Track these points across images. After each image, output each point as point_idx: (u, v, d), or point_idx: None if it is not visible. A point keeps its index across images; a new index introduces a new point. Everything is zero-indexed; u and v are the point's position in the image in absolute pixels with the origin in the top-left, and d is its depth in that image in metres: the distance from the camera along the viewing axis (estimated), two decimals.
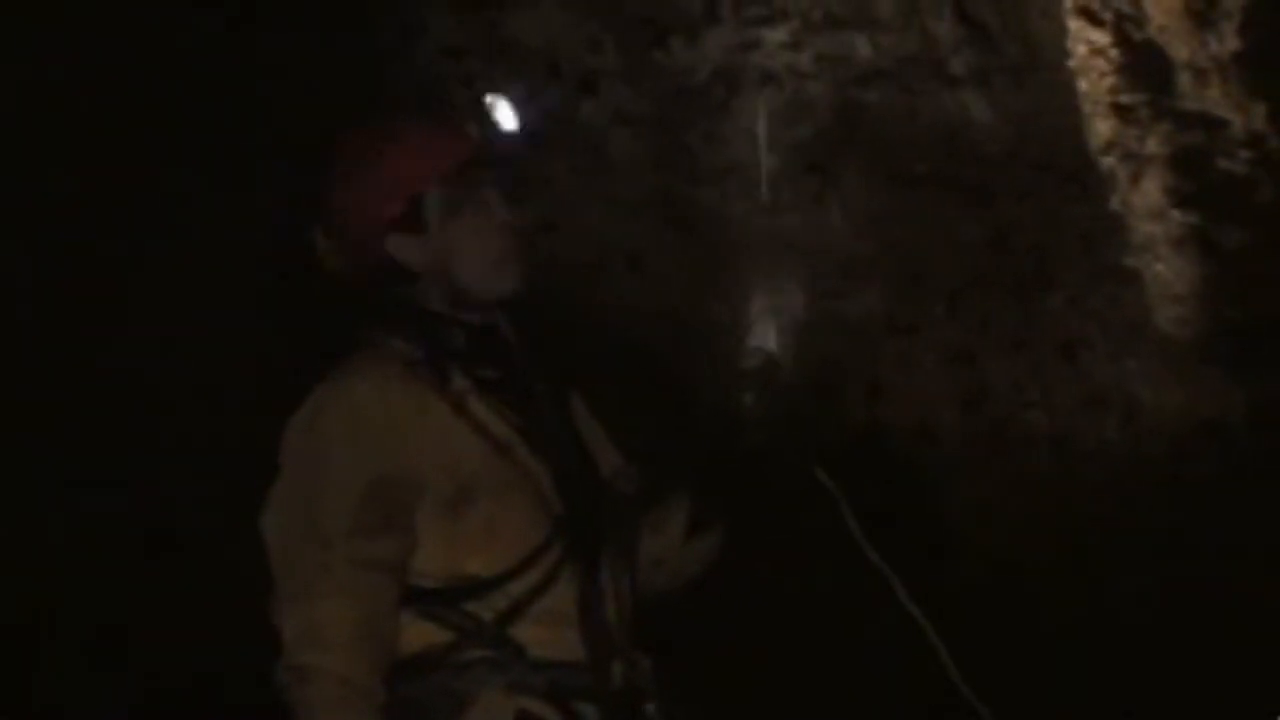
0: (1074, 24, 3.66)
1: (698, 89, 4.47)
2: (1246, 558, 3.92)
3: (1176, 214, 3.49)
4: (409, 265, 2.43)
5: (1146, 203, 3.51)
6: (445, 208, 2.42)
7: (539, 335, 2.55)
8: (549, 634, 2.32)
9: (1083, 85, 3.66)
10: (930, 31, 4.28)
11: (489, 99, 2.52)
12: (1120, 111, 3.56)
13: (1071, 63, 3.69)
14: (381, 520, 2.29)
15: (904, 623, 2.77)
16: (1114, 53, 3.61)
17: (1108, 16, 3.61)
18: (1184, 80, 3.49)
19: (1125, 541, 4.22)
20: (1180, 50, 3.47)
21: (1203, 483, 4.07)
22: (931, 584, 2.79)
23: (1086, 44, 3.65)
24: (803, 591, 4.14)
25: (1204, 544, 4.03)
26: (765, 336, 2.60)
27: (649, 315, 4.60)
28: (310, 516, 2.30)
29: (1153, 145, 3.51)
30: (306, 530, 2.29)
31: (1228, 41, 3.39)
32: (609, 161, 4.54)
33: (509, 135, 2.53)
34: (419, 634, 2.32)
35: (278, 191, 4.60)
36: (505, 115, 2.52)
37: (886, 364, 4.44)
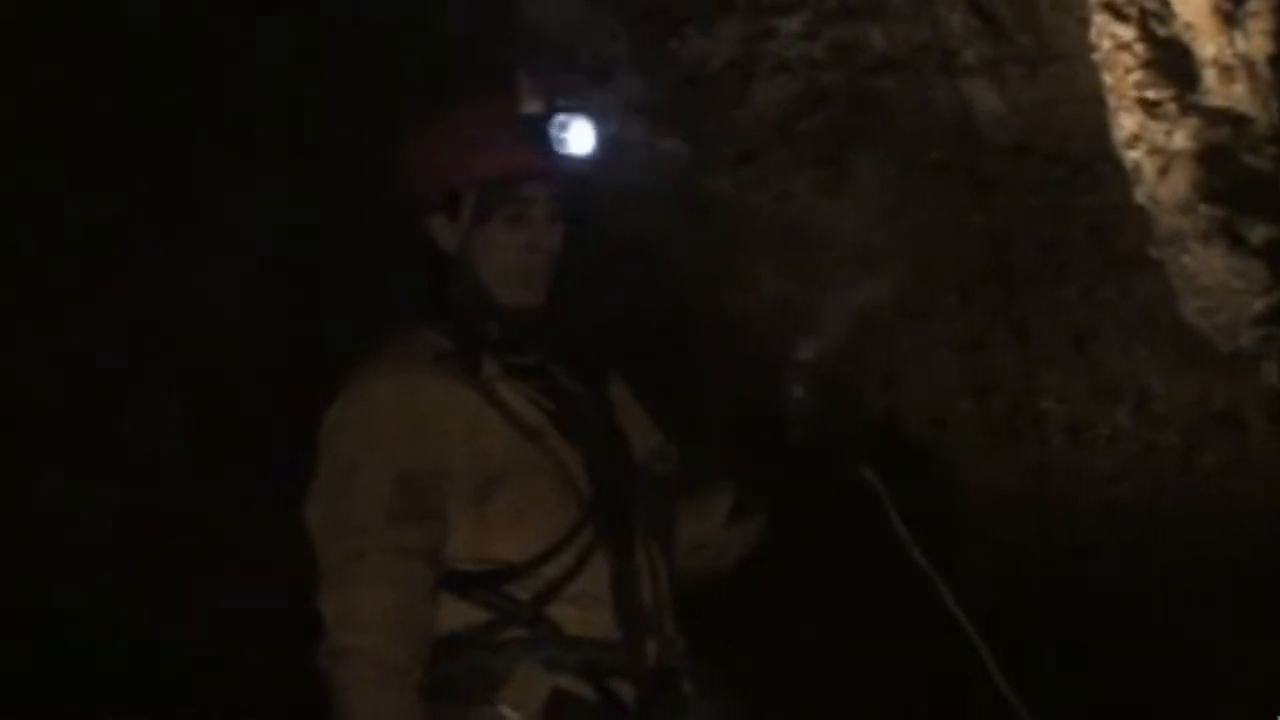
0: (1099, 18, 3.69)
1: (711, 78, 4.48)
2: (1258, 548, 3.97)
3: (1204, 208, 3.52)
4: (442, 248, 2.47)
5: (1174, 196, 3.55)
6: (477, 210, 2.45)
7: (575, 319, 2.56)
8: (584, 614, 2.38)
9: (1108, 79, 3.68)
10: (943, 22, 4.30)
11: (564, 117, 2.42)
12: (1146, 106, 3.59)
13: (1096, 56, 3.71)
14: (414, 509, 2.34)
15: (945, 617, 2.80)
16: (1139, 48, 3.63)
17: (1133, 12, 3.64)
18: (1209, 77, 3.52)
19: (1137, 530, 4.26)
20: (1206, 47, 3.50)
21: (1214, 472, 4.13)
22: (943, 570, 2.83)
23: (1111, 38, 3.67)
24: (841, 583, 4.17)
25: (1215, 534, 4.09)
26: (816, 328, 2.63)
27: (660, 305, 4.61)
28: (343, 510, 2.35)
29: (1180, 140, 3.54)
30: (341, 522, 2.34)
31: (1254, 40, 3.42)
32: (622, 150, 4.53)
33: (576, 159, 2.45)
34: (457, 613, 2.37)
35: (285, 182, 4.58)
36: (580, 135, 2.42)
37: (900, 353, 4.47)
